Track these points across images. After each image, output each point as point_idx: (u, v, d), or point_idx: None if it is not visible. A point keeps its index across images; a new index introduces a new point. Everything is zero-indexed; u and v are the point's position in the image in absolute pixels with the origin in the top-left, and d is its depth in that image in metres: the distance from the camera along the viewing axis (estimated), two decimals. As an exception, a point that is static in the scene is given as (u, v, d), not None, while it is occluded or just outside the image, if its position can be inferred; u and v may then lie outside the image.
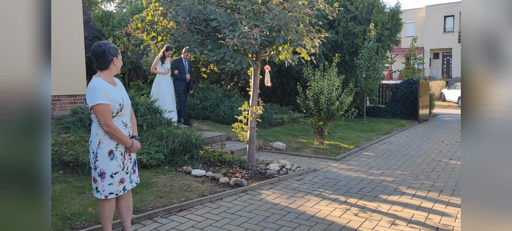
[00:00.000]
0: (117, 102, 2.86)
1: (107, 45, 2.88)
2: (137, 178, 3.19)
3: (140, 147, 3.11)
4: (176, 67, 7.76)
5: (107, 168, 2.89)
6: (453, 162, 6.57)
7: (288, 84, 12.38)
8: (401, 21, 13.06)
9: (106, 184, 2.90)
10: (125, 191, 3.01)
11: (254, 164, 5.52)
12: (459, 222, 3.77)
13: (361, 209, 4.16)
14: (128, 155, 3.04)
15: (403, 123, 12.03)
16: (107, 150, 2.87)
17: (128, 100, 3.02)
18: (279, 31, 4.67)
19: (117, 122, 2.91)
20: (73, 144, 5.26)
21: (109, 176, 2.90)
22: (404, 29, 29.06)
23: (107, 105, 2.79)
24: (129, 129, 3.02)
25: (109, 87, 2.85)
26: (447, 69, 31.67)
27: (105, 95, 2.77)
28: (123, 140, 2.90)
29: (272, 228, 3.61)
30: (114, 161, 2.90)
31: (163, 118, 6.67)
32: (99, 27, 17.59)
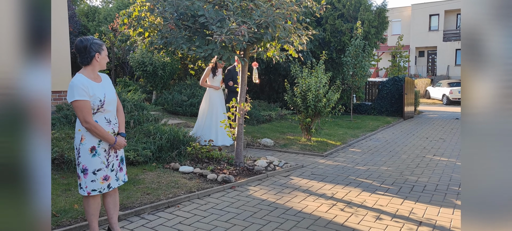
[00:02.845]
0: (97, 98, 2.83)
1: (90, 41, 2.87)
2: (125, 176, 3.15)
3: (125, 144, 3.05)
4: (231, 78, 6.78)
5: (90, 165, 2.87)
6: (437, 158, 6.72)
7: (276, 81, 12.43)
8: (388, 19, 13.24)
9: (88, 180, 2.88)
10: (110, 189, 2.98)
11: (242, 161, 5.54)
12: (442, 216, 3.86)
13: (347, 204, 4.22)
14: (114, 152, 3.00)
15: (389, 119, 12.21)
16: (89, 146, 2.86)
17: (113, 97, 2.98)
18: (267, 28, 4.69)
19: (100, 118, 2.88)
20: (58, 141, 5.18)
21: (91, 172, 2.88)
22: (390, 27, 29.40)
23: (86, 102, 2.78)
24: (113, 126, 2.98)
25: (89, 83, 2.83)
26: (432, 67, 32.22)
27: (83, 91, 2.77)
28: (104, 137, 2.86)
29: (259, 223, 3.64)
30: (97, 157, 2.88)
31: (150, 115, 6.59)
32: (85, 23, 17.31)
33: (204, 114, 6.86)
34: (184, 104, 9.48)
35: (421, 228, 3.57)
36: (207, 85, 6.77)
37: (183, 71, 11.41)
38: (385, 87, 13.61)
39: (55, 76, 7.40)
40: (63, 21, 7.53)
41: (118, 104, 3.11)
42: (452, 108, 18.23)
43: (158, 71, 9.97)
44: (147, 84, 10.49)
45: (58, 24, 7.45)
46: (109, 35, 12.19)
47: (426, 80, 26.02)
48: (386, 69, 19.72)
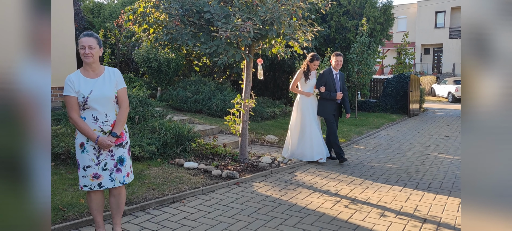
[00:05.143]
0: (81, 95, 2.82)
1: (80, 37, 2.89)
2: (125, 178, 3.00)
3: (111, 145, 2.86)
4: (324, 83, 5.74)
5: (80, 160, 2.91)
6: (442, 155, 6.69)
7: (280, 78, 12.41)
8: (393, 16, 13.17)
9: (80, 175, 2.93)
10: (101, 188, 2.92)
11: (246, 157, 5.55)
12: (446, 213, 3.85)
13: (351, 201, 4.22)
14: (109, 151, 2.91)
15: (394, 117, 12.16)
16: (79, 142, 2.89)
17: (105, 95, 2.86)
18: (272, 25, 4.68)
19: (87, 115, 2.86)
20: (64, 136, 5.23)
21: (82, 168, 2.91)
22: (396, 24, 29.23)
23: (71, 97, 2.82)
24: (101, 124, 2.87)
25: (77, 79, 2.84)
26: (437, 65, 32.00)
27: (69, 87, 2.82)
28: (85, 133, 2.82)
29: (263, 219, 3.65)
30: (85, 154, 2.88)
31: (155, 111, 6.62)
32: (90, 19, 17.38)
33: (296, 128, 5.89)
34: (189, 101, 9.50)
35: (425, 225, 3.56)
36: (299, 91, 5.85)
37: (188, 67, 11.41)
38: (390, 84, 13.54)
39: (61, 72, 7.43)
40: (68, 17, 7.57)
41: (122, 102, 2.98)
42: (458, 106, 18.11)
43: (163, 67, 10.00)
44: (152, 81, 10.52)
45: (64, 21, 7.49)
46: (114, 31, 12.23)
47: (431, 78, 25.85)
48: (391, 67, 19.60)
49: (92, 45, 2.83)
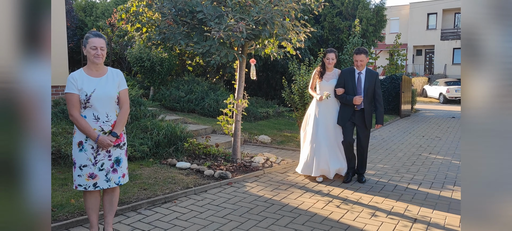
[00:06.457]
0: (83, 93, 2.83)
1: (85, 36, 2.92)
2: (121, 179, 3.02)
3: (111, 144, 2.89)
4: (342, 84, 4.77)
5: (77, 159, 2.89)
6: (432, 156, 6.76)
7: (273, 78, 12.44)
8: (386, 18, 13.28)
9: (76, 174, 2.90)
10: (96, 188, 2.91)
11: (239, 157, 5.55)
12: (436, 213, 3.90)
13: (343, 201, 4.25)
14: (106, 151, 2.91)
15: (386, 117, 12.25)
16: (77, 141, 2.88)
17: (108, 94, 2.89)
18: (265, 25, 4.69)
19: (88, 114, 2.86)
20: (55, 136, 5.18)
21: (78, 167, 2.89)
22: (388, 25, 29.40)
23: (72, 95, 2.82)
24: (101, 123, 2.88)
25: (80, 77, 2.85)
26: (429, 66, 32.31)
27: (72, 85, 2.82)
28: (86, 132, 2.83)
29: (255, 219, 3.66)
30: (83, 153, 2.87)
31: (147, 110, 6.58)
32: (82, 17, 17.23)
33: (309, 134, 4.98)
34: (182, 101, 9.48)
35: (416, 225, 3.60)
36: (311, 93, 5.12)
37: (181, 67, 11.38)
38: (383, 85, 13.64)
39: (52, 71, 7.37)
40: (60, 15, 7.50)
41: (123, 104, 3.01)
42: (449, 107, 18.31)
43: (155, 67, 9.96)
44: (145, 80, 10.47)
45: (55, 19, 7.42)
46: (106, 30, 12.16)
47: (423, 79, 26.08)
48: (384, 68, 19.76)
49: (103, 46, 2.90)
